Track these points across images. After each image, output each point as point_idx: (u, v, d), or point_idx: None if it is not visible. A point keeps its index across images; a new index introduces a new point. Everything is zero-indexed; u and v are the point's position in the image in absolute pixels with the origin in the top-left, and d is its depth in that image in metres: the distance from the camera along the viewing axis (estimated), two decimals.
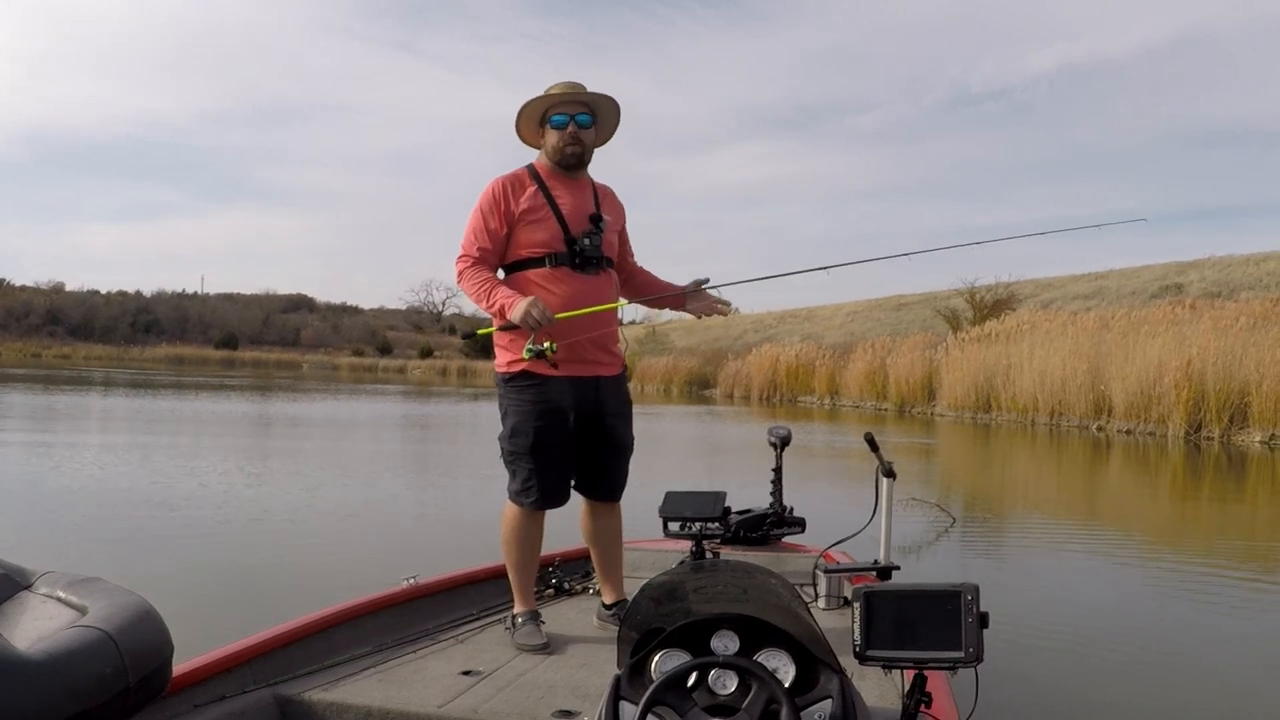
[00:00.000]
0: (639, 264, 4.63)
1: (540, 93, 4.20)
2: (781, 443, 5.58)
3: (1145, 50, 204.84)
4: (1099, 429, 25.36)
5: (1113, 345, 26.14)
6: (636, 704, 2.31)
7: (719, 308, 4.47)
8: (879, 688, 3.30)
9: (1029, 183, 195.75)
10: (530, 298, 3.92)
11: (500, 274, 4.21)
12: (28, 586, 2.75)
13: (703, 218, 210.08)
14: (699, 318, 4.54)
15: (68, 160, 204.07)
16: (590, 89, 4.24)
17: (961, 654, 2.40)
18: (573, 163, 4.21)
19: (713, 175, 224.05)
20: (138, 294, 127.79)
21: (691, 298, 4.48)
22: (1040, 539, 10.06)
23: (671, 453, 17.83)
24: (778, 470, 5.60)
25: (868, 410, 36.31)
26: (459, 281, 4.17)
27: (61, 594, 2.68)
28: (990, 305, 41.13)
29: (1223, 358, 22.71)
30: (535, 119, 4.23)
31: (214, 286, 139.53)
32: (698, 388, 50.82)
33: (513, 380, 4.15)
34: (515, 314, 3.91)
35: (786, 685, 2.38)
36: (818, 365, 42.36)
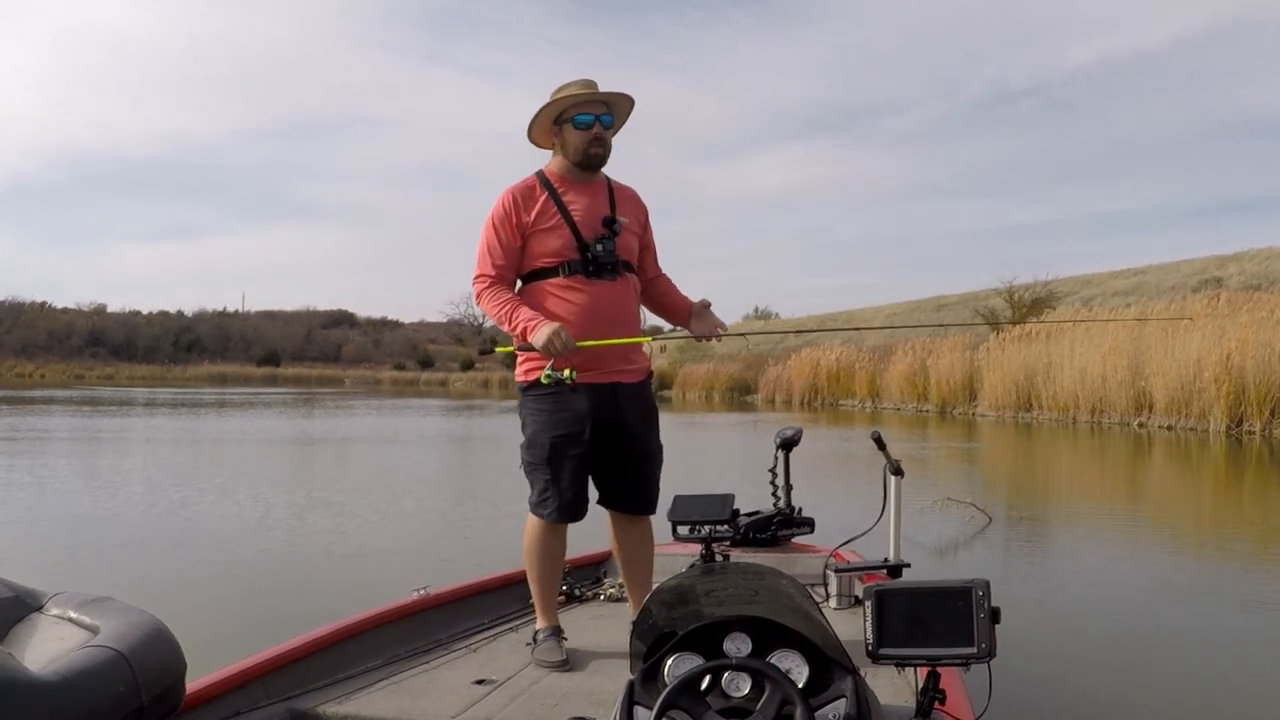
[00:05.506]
0: (664, 272, 4.47)
1: (550, 96, 4.08)
2: (786, 444, 5.56)
3: (1183, 41, 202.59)
4: (1140, 425, 25.14)
5: (1152, 341, 25.93)
6: (650, 709, 2.30)
7: (717, 331, 4.30)
8: (892, 685, 3.29)
9: (1068, 179, 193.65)
10: (554, 326, 3.81)
11: (518, 284, 4.12)
12: (39, 608, 2.75)
13: (738, 223, 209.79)
14: (698, 340, 4.36)
15: (106, 182, 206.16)
16: (602, 87, 4.11)
17: (974, 649, 2.41)
18: (596, 164, 4.11)
19: (747, 179, 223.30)
20: (179, 314, 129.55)
21: (696, 317, 4.32)
22: (1076, 538, 9.97)
23: (701, 460, 17.80)
24: (778, 472, 5.61)
25: (909, 412, 36.13)
26: (478, 302, 4.08)
27: (73, 614, 2.67)
28: (1029, 304, 40.91)
29: (1263, 351, 22.49)
30: (550, 120, 4.09)
31: (255, 304, 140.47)
32: (739, 393, 50.70)
33: (530, 389, 4.05)
34: (537, 341, 3.81)
35: (800, 686, 2.38)
36: (858, 368, 42.18)
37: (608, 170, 4.27)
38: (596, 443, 4.04)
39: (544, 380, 3.87)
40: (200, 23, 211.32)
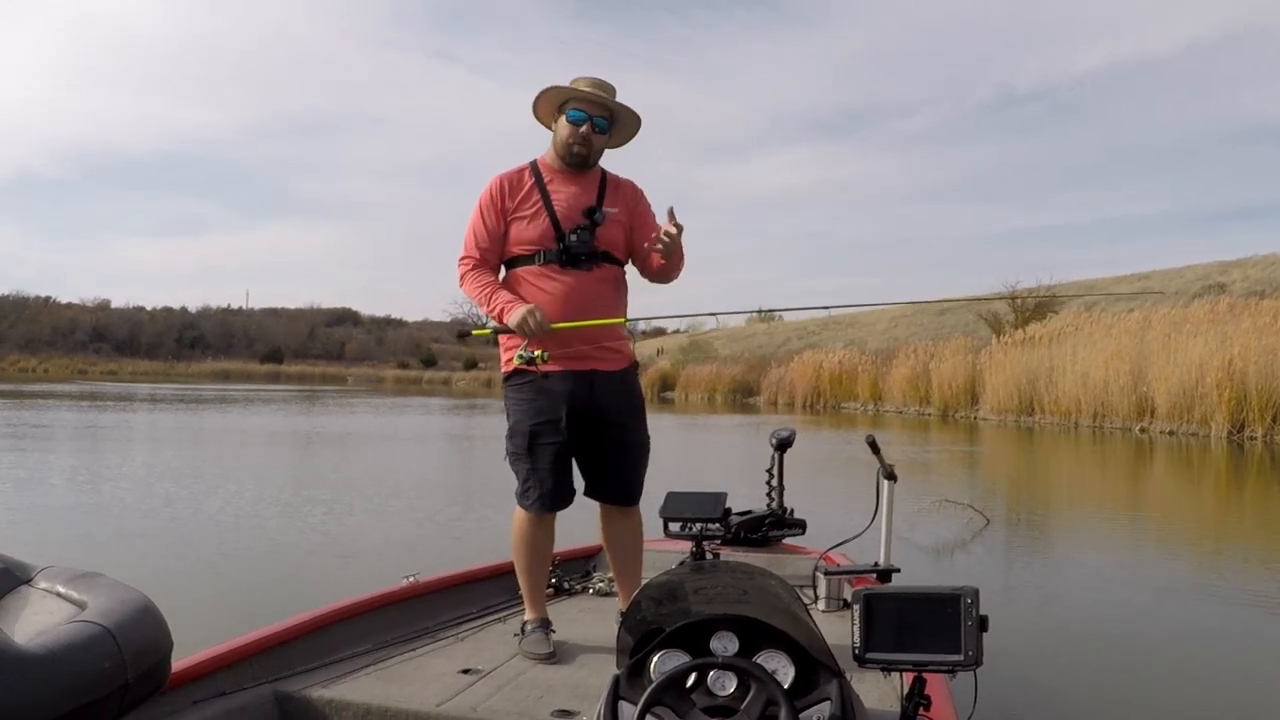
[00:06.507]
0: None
1: (567, 82, 4.12)
2: (781, 445, 5.57)
3: (1190, 47, 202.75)
4: (1142, 430, 25.13)
5: (1155, 346, 25.92)
6: (635, 704, 2.31)
7: (670, 228, 3.98)
8: (878, 690, 3.29)
9: (1072, 183, 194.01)
10: (529, 306, 3.89)
11: (502, 271, 4.18)
12: (27, 581, 2.76)
13: (743, 223, 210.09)
14: (661, 252, 4.03)
15: (111, 176, 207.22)
16: (621, 95, 4.15)
17: (961, 657, 2.41)
18: (577, 163, 4.13)
19: (750, 180, 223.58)
20: (183, 309, 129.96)
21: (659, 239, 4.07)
22: (1073, 541, 9.95)
23: (701, 461, 17.80)
24: (774, 473, 5.61)
25: (911, 415, 36.09)
26: (461, 284, 4.14)
27: (61, 589, 2.68)
28: (1032, 309, 40.85)
29: (1265, 357, 22.48)
30: (554, 103, 4.15)
31: (258, 301, 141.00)
32: (741, 396, 50.64)
33: (510, 379, 4.12)
34: (512, 320, 3.90)
35: (785, 687, 2.38)
36: (860, 371, 42.24)
37: (608, 167, 4.30)
38: (577, 432, 4.06)
39: (517, 361, 3.93)
40: (204, 19, 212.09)
